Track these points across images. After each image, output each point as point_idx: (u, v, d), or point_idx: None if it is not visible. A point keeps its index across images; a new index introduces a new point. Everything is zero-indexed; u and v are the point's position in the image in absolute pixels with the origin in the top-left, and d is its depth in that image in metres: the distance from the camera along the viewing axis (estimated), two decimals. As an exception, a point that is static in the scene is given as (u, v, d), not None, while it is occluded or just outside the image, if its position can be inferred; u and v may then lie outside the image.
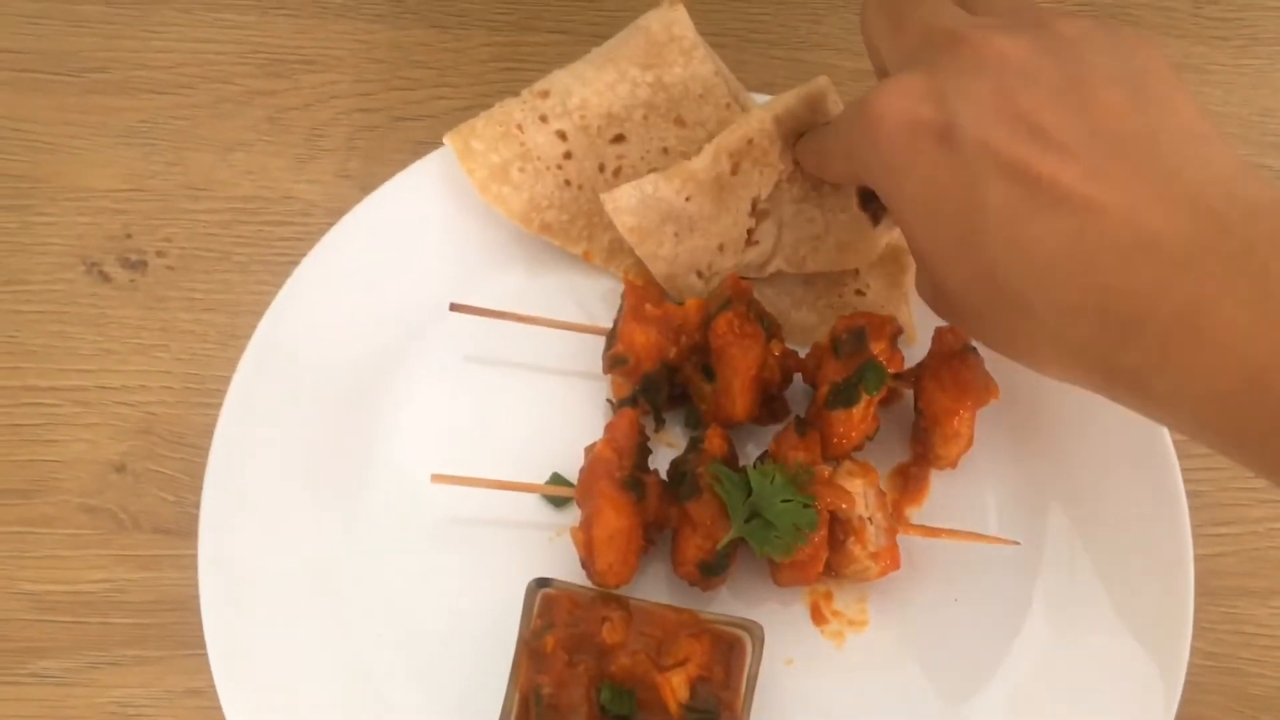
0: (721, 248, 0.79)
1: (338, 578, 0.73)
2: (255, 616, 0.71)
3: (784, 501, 0.68)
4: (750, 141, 0.75)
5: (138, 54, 0.93)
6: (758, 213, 0.77)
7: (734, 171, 0.76)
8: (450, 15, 0.96)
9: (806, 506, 0.68)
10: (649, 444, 0.73)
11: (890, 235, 0.80)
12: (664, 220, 0.77)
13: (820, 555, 0.69)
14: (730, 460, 0.72)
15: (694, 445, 0.73)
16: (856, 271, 0.83)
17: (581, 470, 0.70)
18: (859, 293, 0.83)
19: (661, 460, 0.75)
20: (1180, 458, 0.76)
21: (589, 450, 0.70)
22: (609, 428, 0.71)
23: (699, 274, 0.80)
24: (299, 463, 0.75)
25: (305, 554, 0.73)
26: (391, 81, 0.93)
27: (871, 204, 0.77)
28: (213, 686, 0.68)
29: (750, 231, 0.78)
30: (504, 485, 0.73)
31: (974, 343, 0.74)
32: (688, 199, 0.76)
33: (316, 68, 0.93)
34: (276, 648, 0.70)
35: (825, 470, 0.71)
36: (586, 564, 0.69)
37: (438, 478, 0.72)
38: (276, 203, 0.88)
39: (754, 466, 0.70)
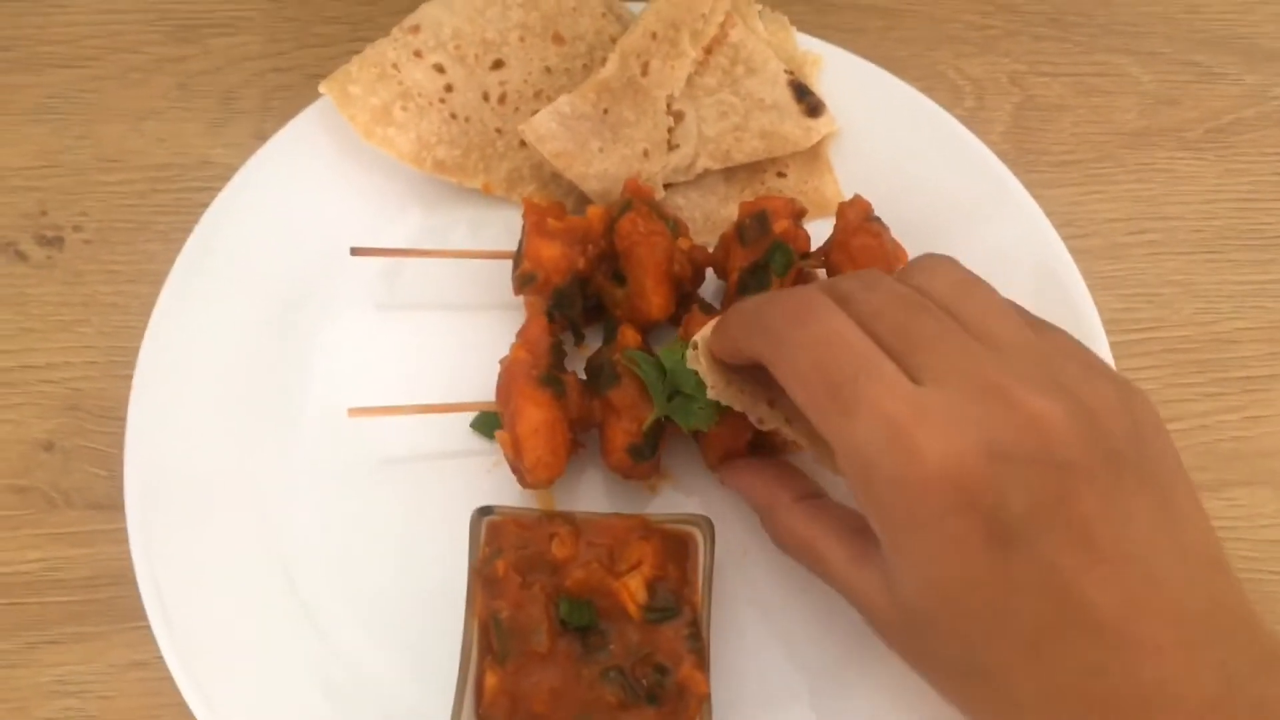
0: (646, 153, 0.77)
1: (278, 533, 0.71)
2: (195, 580, 0.68)
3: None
4: (654, 36, 0.74)
5: (42, 30, 0.90)
6: (674, 113, 0.76)
7: (644, 72, 0.74)
8: (363, -32, 0.94)
9: None
10: (568, 356, 0.71)
11: (828, 129, 0.79)
12: (586, 138, 0.75)
13: (744, 422, 0.67)
14: (645, 349, 0.70)
15: (607, 340, 0.72)
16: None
17: (499, 378, 0.68)
18: (780, 175, 0.81)
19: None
20: (1121, 358, 0.76)
21: (503, 361, 0.68)
22: (520, 333, 0.69)
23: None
24: (222, 423, 0.73)
25: (241, 513, 0.71)
26: (304, 39, 0.91)
27: (807, 96, 0.76)
28: (156, 658, 0.66)
29: (670, 132, 0.76)
30: (423, 409, 0.70)
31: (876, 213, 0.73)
32: (605, 111, 0.74)
33: (227, 30, 0.91)
34: (221, 611, 0.68)
35: None
36: (516, 466, 0.67)
37: (355, 411, 0.70)
38: (193, 169, 0.86)
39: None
